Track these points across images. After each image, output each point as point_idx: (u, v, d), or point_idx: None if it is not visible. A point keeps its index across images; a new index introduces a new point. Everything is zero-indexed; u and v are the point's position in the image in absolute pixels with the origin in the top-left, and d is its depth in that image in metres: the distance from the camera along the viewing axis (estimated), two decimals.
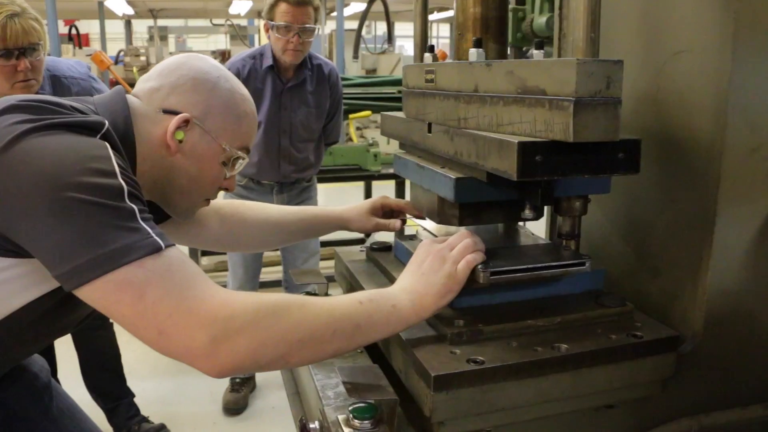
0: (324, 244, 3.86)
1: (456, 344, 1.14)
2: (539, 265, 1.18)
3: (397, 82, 5.02)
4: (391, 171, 4.59)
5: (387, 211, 1.74)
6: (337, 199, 7.37)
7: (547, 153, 1.01)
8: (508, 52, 2.39)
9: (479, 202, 1.28)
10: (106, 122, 1.12)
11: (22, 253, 1.04)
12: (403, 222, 1.69)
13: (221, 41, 19.74)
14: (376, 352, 1.37)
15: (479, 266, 1.15)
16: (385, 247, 1.65)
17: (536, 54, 1.23)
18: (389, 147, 5.21)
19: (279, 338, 1.01)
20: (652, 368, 1.15)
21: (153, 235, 1.00)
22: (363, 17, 8.18)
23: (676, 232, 1.30)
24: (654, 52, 1.34)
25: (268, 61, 3.07)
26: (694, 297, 1.25)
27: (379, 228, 1.71)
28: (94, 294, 0.97)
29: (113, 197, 0.99)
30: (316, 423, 1.18)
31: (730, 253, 1.22)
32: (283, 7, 2.92)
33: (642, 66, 1.36)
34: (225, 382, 3.58)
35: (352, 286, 1.58)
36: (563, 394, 1.11)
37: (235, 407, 3.46)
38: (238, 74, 3.05)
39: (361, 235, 5.53)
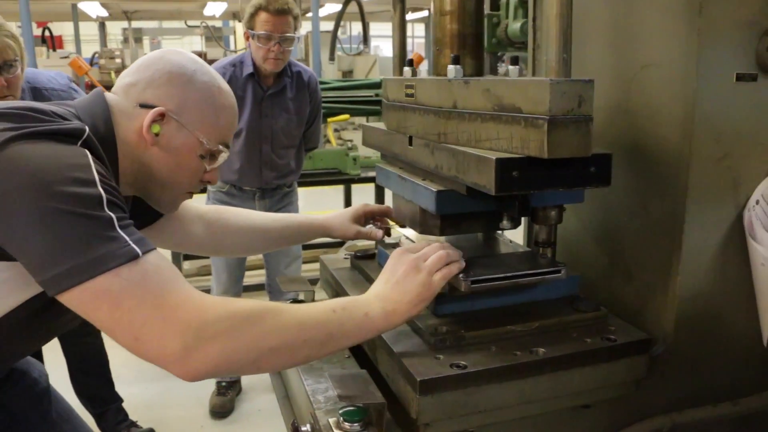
0: (305, 247, 3.89)
1: (439, 350, 1.19)
2: (517, 273, 1.23)
3: (374, 85, 5.06)
4: (371, 174, 4.64)
5: (369, 218, 1.79)
6: (317, 202, 7.40)
7: (523, 168, 1.07)
8: (484, 57, 2.45)
9: (459, 214, 1.33)
10: (86, 128, 1.14)
11: (7, 256, 1.07)
12: (387, 232, 1.73)
13: (196, 43, 19.64)
14: (363, 357, 1.42)
15: (461, 275, 1.20)
16: (368, 255, 1.70)
17: (512, 70, 1.28)
18: (368, 150, 5.25)
19: (251, 346, 1.05)
20: (625, 370, 1.21)
21: (130, 243, 1.03)
22: (338, 19, 8.20)
23: (647, 237, 1.37)
24: (624, 65, 1.40)
25: (248, 69, 3.10)
26: (665, 300, 1.31)
27: (360, 236, 1.76)
28: (73, 301, 1.01)
29: (92, 207, 1.02)
30: (308, 426, 1.23)
31: (698, 258, 1.29)
32: (263, 16, 2.95)
33: (613, 79, 1.43)
34: (211, 386, 3.61)
35: (338, 293, 1.63)
36: (542, 396, 1.17)
37: (221, 411, 3.48)
38: None
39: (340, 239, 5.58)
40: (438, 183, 1.31)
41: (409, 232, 1.62)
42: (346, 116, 4.67)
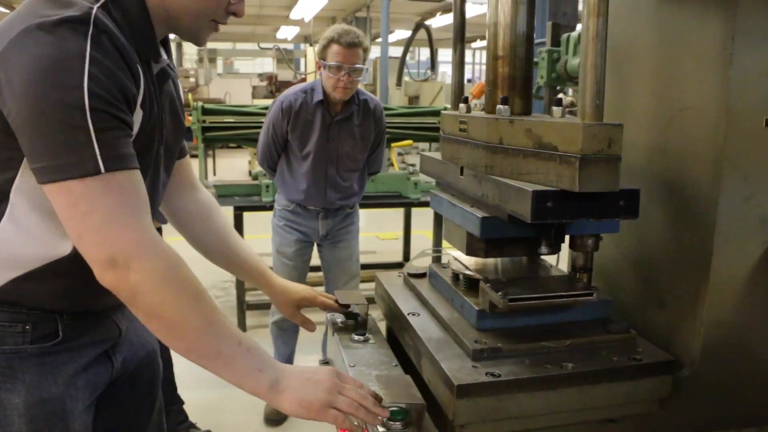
0: (364, 267, 4.05)
1: (478, 360, 1.32)
2: (552, 294, 1.36)
3: (437, 113, 5.22)
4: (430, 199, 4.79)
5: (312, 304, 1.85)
6: (379, 223, 7.58)
7: (556, 200, 1.20)
8: (543, 92, 2.58)
9: (501, 238, 1.47)
10: (93, 9, 1.17)
11: None
12: (344, 312, 1.80)
13: (268, 64, 20.28)
14: (408, 365, 1.56)
15: (499, 293, 1.33)
16: (420, 274, 1.85)
17: (555, 111, 1.41)
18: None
19: (158, 300, 1.17)
20: (649, 388, 1.32)
21: (98, 157, 1.13)
22: (407, 45, 8.42)
23: (678, 268, 1.47)
24: (663, 107, 1.52)
25: (318, 96, 3.31)
26: (693, 327, 1.41)
27: (294, 320, 1.86)
28: (48, 193, 1.16)
29: (71, 114, 1.11)
30: (355, 422, 1.37)
31: (725, 289, 1.38)
32: (335, 48, 3.16)
33: (653, 120, 1.54)
34: None
35: (390, 307, 1.78)
36: (569, 407, 1.29)
37: (276, 418, 3.65)
38: (290, 107, 3.30)
39: (399, 260, 5.73)
40: (484, 210, 1.45)
41: (458, 254, 1.76)
42: (409, 142, 4.85)
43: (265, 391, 1.24)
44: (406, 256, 5.73)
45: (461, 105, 1.69)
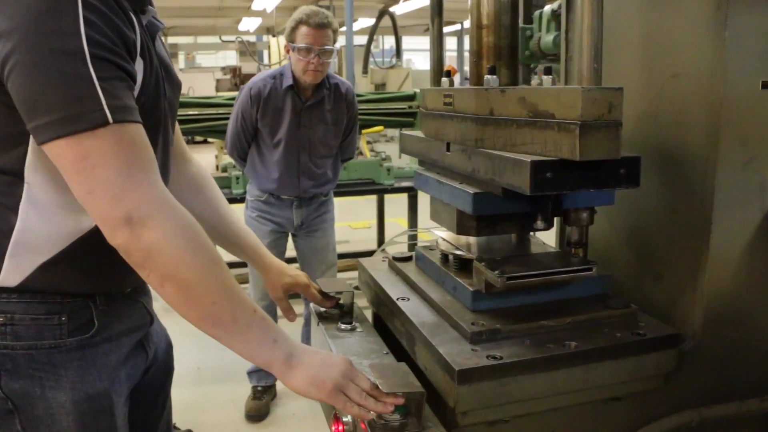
0: (338, 257, 3.98)
1: (476, 342, 1.26)
2: (550, 270, 1.30)
3: (407, 98, 5.15)
4: (404, 185, 4.72)
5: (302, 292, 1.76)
6: (350, 212, 7.50)
7: (556, 170, 1.14)
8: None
9: (494, 215, 1.40)
10: None
11: None
12: (332, 303, 1.72)
13: (231, 57, 19.99)
14: (399, 353, 1.49)
15: (496, 272, 1.27)
16: (406, 258, 1.78)
17: (545, 79, 1.35)
18: (402, 161, 5.35)
19: (175, 260, 1.10)
20: (654, 364, 1.27)
21: (105, 107, 1.05)
22: (372, 33, 8.34)
23: (676, 239, 1.42)
24: (653, 74, 1.47)
25: (288, 81, 3.21)
26: (693, 299, 1.37)
27: (279, 304, 1.77)
28: (51, 152, 1.07)
29: (71, 62, 1.03)
30: (349, 417, 1.29)
31: (725, 258, 1.34)
32: (304, 30, 3.06)
33: (643, 87, 1.49)
34: (247, 391, 3.70)
35: (377, 294, 1.71)
36: (573, 387, 1.23)
37: (257, 414, 3.57)
38: (259, 93, 3.19)
39: (374, 248, 5.67)
40: (474, 186, 1.38)
41: (444, 234, 1.69)
42: (380, 128, 4.78)
43: (279, 363, 1.19)
44: (381, 244, 5.66)
45: (444, 79, 1.63)
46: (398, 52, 9.26)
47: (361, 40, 10.51)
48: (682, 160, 1.40)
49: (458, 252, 1.51)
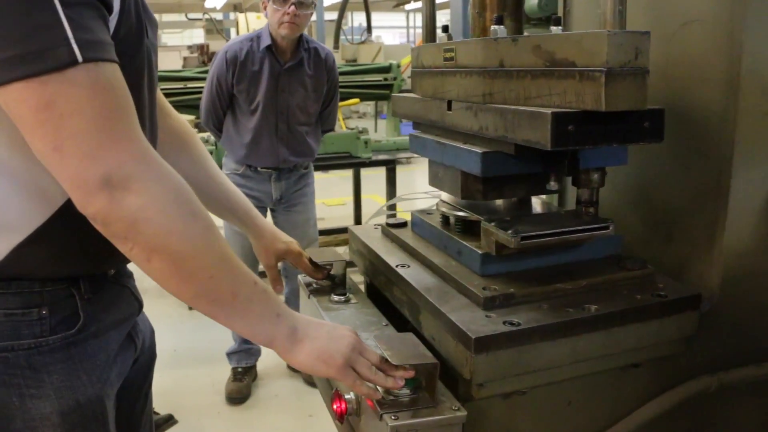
0: (322, 233, 3.89)
1: (489, 309, 1.19)
2: (566, 229, 1.22)
3: (382, 70, 5.06)
4: (381, 158, 4.64)
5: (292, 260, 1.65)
6: (324, 189, 7.39)
7: (578, 123, 1.06)
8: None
9: (503, 176, 1.32)
10: None
11: None
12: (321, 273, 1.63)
13: (197, 36, 19.57)
14: (400, 323, 1.41)
15: (509, 231, 1.19)
16: (401, 224, 1.69)
17: (554, 30, 1.27)
18: (377, 135, 5.25)
19: (164, 230, 0.94)
20: (676, 326, 1.21)
21: (72, 41, 0.87)
22: (342, 7, 8.18)
23: (689, 198, 1.36)
24: (662, 23, 1.39)
25: (266, 42, 3.08)
26: (710, 259, 1.31)
27: (269, 273, 1.67)
28: (6, 99, 0.89)
29: None
30: (351, 394, 1.20)
31: (745, 214, 1.28)
32: None
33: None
34: (227, 373, 3.61)
35: (372, 262, 1.62)
36: (594, 353, 1.17)
37: (238, 396, 3.48)
38: (235, 57, 3.06)
39: (351, 224, 5.57)
40: (482, 145, 1.30)
41: (445, 197, 1.61)
42: (356, 100, 4.67)
43: (283, 339, 1.07)
44: (358, 220, 5.57)
45: (441, 34, 1.54)
46: (369, 27, 9.11)
47: (332, 15, 10.33)
48: (695, 115, 1.33)
49: (461, 213, 1.43)
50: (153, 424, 1.53)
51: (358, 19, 17.66)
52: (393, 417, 1.06)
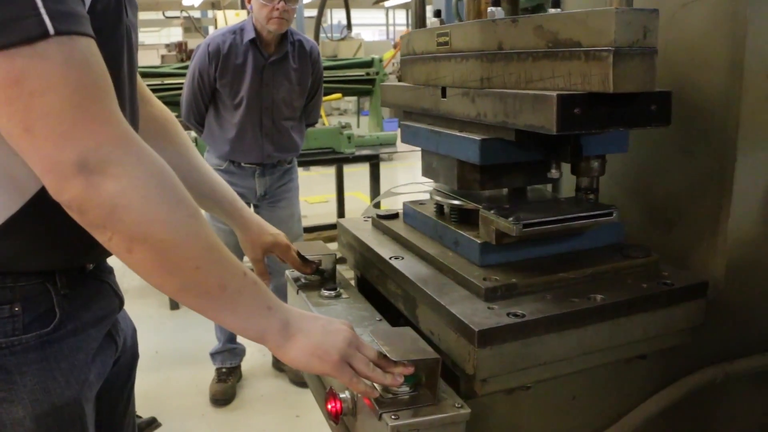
0: (306, 230, 3.83)
1: (491, 300, 1.14)
2: (570, 216, 1.18)
3: (364, 64, 5.01)
4: (364, 153, 4.58)
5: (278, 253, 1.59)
6: (305, 186, 7.31)
7: (585, 106, 1.02)
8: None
9: (502, 165, 1.28)
10: None
11: None
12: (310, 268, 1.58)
13: (175, 34, 19.37)
14: (395, 318, 1.36)
15: (510, 219, 1.14)
16: (392, 215, 1.65)
17: (554, 12, 1.23)
18: (360, 130, 5.20)
19: (145, 218, 0.87)
20: (684, 315, 1.17)
21: (42, 11, 0.80)
22: (322, 4, 8.11)
23: (691, 183, 1.33)
24: (661, 4, 1.34)
25: (249, 35, 3.01)
26: (714, 246, 1.27)
27: (256, 267, 1.60)
28: None
29: None
30: (347, 392, 1.14)
31: (750, 200, 1.25)
32: None
33: None
34: (211, 374, 3.54)
35: (363, 255, 1.57)
36: (601, 345, 1.13)
37: (223, 398, 3.42)
38: (218, 50, 2.98)
39: (334, 221, 5.50)
40: (479, 133, 1.26)
41: (439, 187, 1.56)
42: (338, 95, 4.62)
43: (275, 333, 1.01)
44: (341, 217, 5.51)
45: (433, 20, 1.49)
46: (349, 23, 9.05)
47: (311, 12, 10.26)
48: (696, 100, 1.29)
49: (456, 202, 1.38)
50: (136, 428, 1.47)
51: (337, 16, 17.60)
52: (393, 416, 1.01)
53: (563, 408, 1.23)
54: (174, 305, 4.40)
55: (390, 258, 1.41)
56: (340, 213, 5.45)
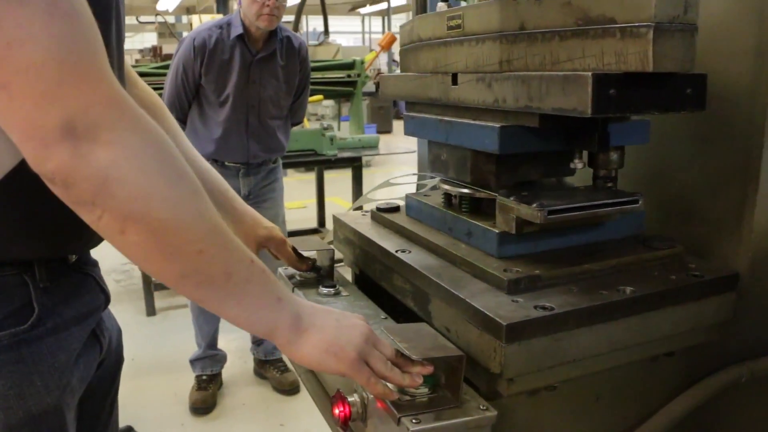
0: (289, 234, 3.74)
1: (514, 293, 1.07)
2: (595, 202, 1.12)
3: (345, 66, 4.96)
4: (347, 155, 4.50)
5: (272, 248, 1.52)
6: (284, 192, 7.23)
7: (621, 86, 0.96)
8: None
9: (520, 156, 1.22)
10: None
11: None
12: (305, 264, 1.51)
13: (149, 40, 19.10)
14: (400, 316, 1.29)
15: (534, 205, 1.08)
16: (393, 208, 1.58)
17: None
18: (341, 132, 5.14)
19: (144, 192, 0.76)
20: (714, 310, 1.12)
21: None
22: (299, 9, 8.04)
23: (711, 175, 1.28)
24: None
25: (237, 30, 2.91)
26: (738, 239, 1.22)
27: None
28: None
29: None
30: (355, 396, 1.07)
31: None
32: None
33: None
34: (190, 381, 3.43)
35: (364, 250, 1.50)
36: (631, 341, 1.06)
37: (203, 406, 3.31)
38: (204, 44, 2.89)
39: (314, 226, 5.41)
40: (495, 121, 1.20)
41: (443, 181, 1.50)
42: (319, 97, 4.54)
43: (286, 328, 0.91)
44: (321, 222, 5.42)
45: (440, 4, 1.43)
46: (326, 28, 9.01)
47: (288, 18, 10.18)
48: (718, 89, 1.24)
49: (465, 191, 1.31)
50: None
51: (313, 23, 17.53)
52: (414, 420, 0.93)
53: (587, 410, 1.17)
54: (150, 311, 4.28)
55: (396, 251, 1.34)
56: (320, 218, 5.37)
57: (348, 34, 24.35)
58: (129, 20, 17.90)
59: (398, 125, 15.51)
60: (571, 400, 1.15)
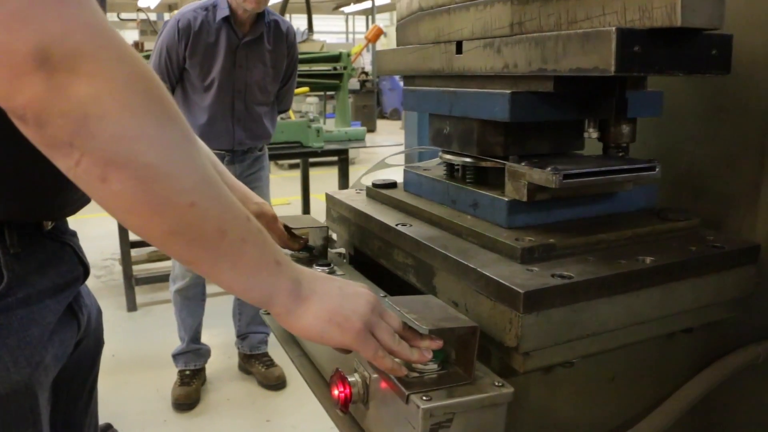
0: None
1: (528, 262, 1.02)
2: (612, 168, 1.07)
3: (331, 58, 4.91)
4: (333, 147, 4.43)
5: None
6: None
7: (646, 43, 0.90)
8: None
9: (529, 126, 1.17)
10: None
11: None
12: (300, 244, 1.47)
13: (129, 38, 18.90)
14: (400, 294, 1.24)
15: (549, 169, 1.02)
16: (390, 184, 1.52)
17: None
18: (327, 125, 5.08)
19: (128, 135, 0.65)
20: (735, 282, 1.08)
21: None
22: (283, 7, 7.97)
23: (724, 152, 1.24)
24: None
25: (223, 12, 2.83)
26: (753, 213, 1.18)
27: None
28: None
29: None
30: (356, 375, 0.99)
31: None
32: None
33: None
34: (172, 377, 3.34)
35: (361, 226, 1.43)
36: (651, 314, 1.01)
37: (186, 402, 3.23)
38: (189, 26, 2.80)
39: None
40: (504, 87, 1.14)
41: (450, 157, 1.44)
42: (305, 89, 4.48)
43: (285, 295, 0.82)
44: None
45: None
46: (310, 25, 8.94)
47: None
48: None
49: (469, 160, 1.25)
50: (98, 429, 1.28)
51: (296, 22, 17.45)
52: (424, 397, 0.86)
53: (601, 391, 1.12)
54: (131, 307, 4.18)
55: (397, 225, 1.28)
56: (305, 212, 5.29)
57: (332, 34, 24.29)
58: (110, 17, 17.71)
59: (382, 124, 15.46)
60: (586, 379, 1.09)
